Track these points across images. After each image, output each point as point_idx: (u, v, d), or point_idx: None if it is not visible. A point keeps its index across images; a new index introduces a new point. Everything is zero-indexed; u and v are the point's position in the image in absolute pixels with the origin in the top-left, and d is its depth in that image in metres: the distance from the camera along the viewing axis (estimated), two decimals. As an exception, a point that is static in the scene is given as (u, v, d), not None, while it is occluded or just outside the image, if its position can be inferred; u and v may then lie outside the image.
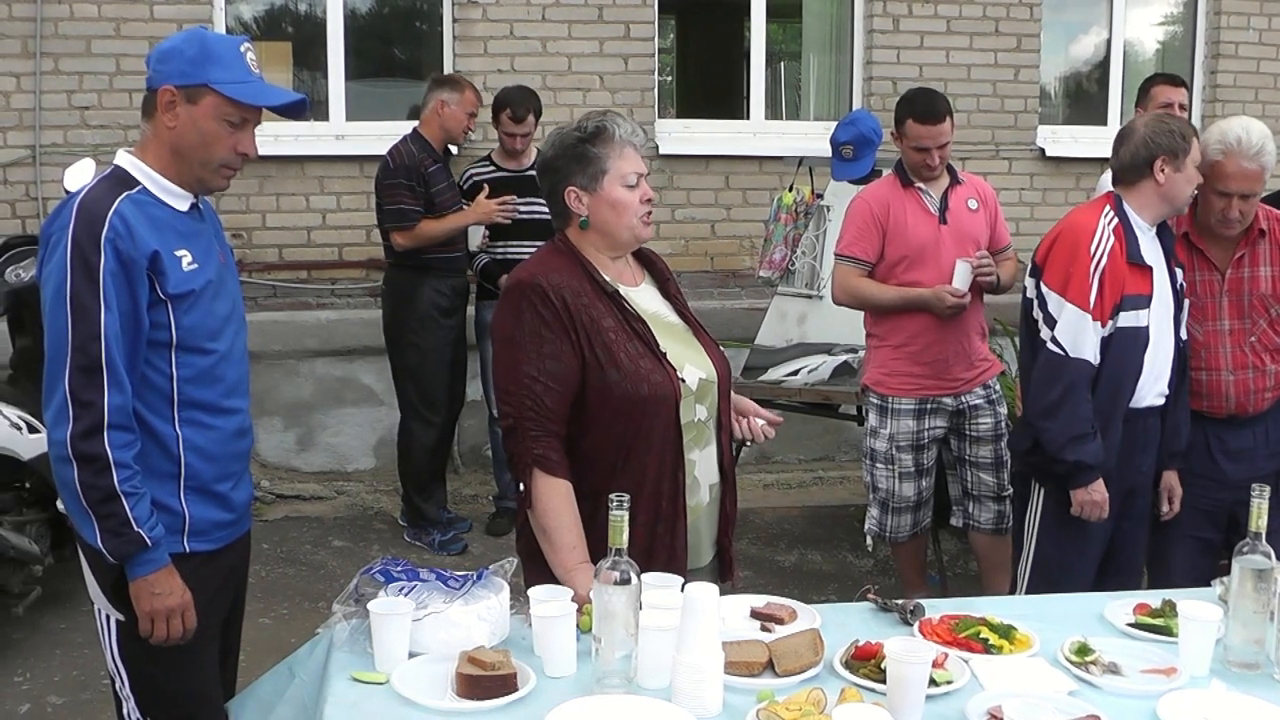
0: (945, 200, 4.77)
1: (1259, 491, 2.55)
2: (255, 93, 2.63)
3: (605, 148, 2.79)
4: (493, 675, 2.29)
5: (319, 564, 5.79)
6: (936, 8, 7.48)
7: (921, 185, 4.77)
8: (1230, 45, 7.92)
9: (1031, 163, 7.70)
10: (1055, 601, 3.00)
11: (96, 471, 2.50)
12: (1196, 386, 3.86)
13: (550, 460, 2.70)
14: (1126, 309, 3.65)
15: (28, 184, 6.61)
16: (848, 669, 2.43)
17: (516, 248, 5.85)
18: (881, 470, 4.88)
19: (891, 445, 4.82)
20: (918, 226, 4.73)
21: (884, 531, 4.95)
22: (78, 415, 2.49)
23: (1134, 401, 3.71)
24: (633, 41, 7.18)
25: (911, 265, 4.71)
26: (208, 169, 2.65)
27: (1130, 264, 3.66)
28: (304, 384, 6.89)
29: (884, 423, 4.83)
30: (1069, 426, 3.66)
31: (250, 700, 2.66)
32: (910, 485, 4.85)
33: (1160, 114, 3.91)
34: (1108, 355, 3.67)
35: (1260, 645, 2.53)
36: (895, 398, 4.78)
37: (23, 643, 4.77)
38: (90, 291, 2.48)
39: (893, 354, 4.79)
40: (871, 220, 4.76)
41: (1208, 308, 3.84)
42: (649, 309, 2.88)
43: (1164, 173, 3.65)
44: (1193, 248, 3.85)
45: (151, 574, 2.58)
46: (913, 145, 4.70)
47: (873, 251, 4.76)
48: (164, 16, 6.57)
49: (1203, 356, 3.85)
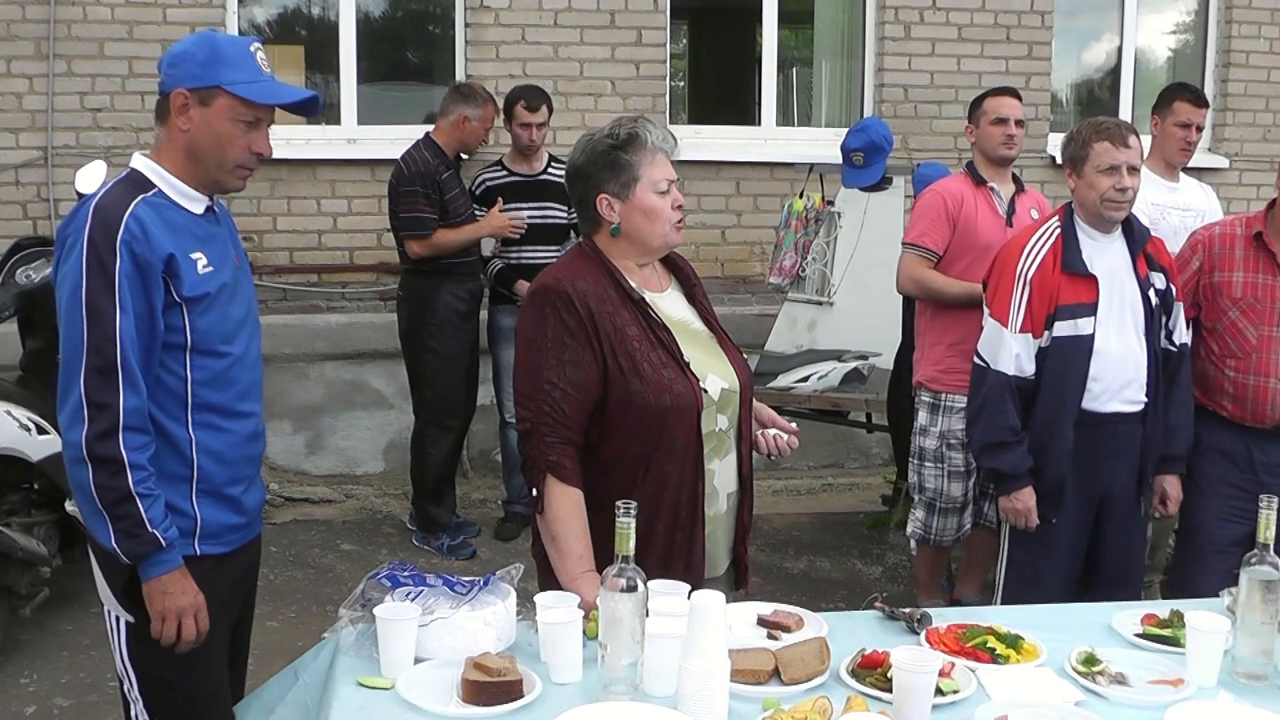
0: (1013, 204, 4.83)
1: (1268, 502, 2.54)
2: (267, 92, 2.64)
3: (638, 154, 2.79)
4: (498, 681, 2.29)
5: (327, 567, 5.80)
6: (948, 15, 7.48)
7: (994, 185, 4.83)
8: (1241, 54, 7.92)
9: (1042, 170, 7.68)
10: (1062, 611, 2.99)
11: (112, 473, 2.51)
12: (1241, 392, 3.86)
13: (564, 468, 2.70)
14: (1063, 318, 3.73)
15: (39, 185, 6.64)
16: (854, 677, 2.43)
17: (531, 252, 5.86)
18: (930, 469, 4.88)
19: (942, 443, 4.83)
20: (987, 225, 4.77)
21: (929, 534, 4.95)
22: (93, 417, 2.49)
23: (1092, 408, 3.74)
24: (644, 47, 7.19)
25: (975, 263, 4.68)
26: (223, 170, 2.66)
27: (1067, 273, 3.73)
28: (314, 387, 6.90)
29: (935, 420, 4.84)
30: (986, 435, 3.84)
31: (255, 704, 2.67)
32: (959, 485, 4.86)
33: (1091, 120, 3.88)
34: (1046, 364, 3.76)
35: (1268, 656, 2.52)
36: (948, 394, 4.78)
37: (30, 644, 4.77)
38: (106, 294, 2.49)
39: (947, 351, 4.79)
40: (945, 213, 4.79)
41: (1265, 312, 3.84)
42: (674, 316, 2.87)
43: (1072, 180, 3.80)
44: (1263, 249, 3.85)
45: (165, 575, 2.59)
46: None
47: (941, 243, 4.79)
48: (176, 19, 6.60)
49: (1252, 360, 3.85)
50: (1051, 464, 3.77)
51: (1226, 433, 3.93)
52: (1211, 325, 3.93)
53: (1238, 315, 3.86)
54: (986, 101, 4.91)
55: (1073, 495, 3.80)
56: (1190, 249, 4.01)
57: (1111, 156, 3.67)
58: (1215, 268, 3.91)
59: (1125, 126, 3.77)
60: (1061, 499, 3.80)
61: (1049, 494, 3.81)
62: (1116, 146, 3.68)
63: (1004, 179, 4.88)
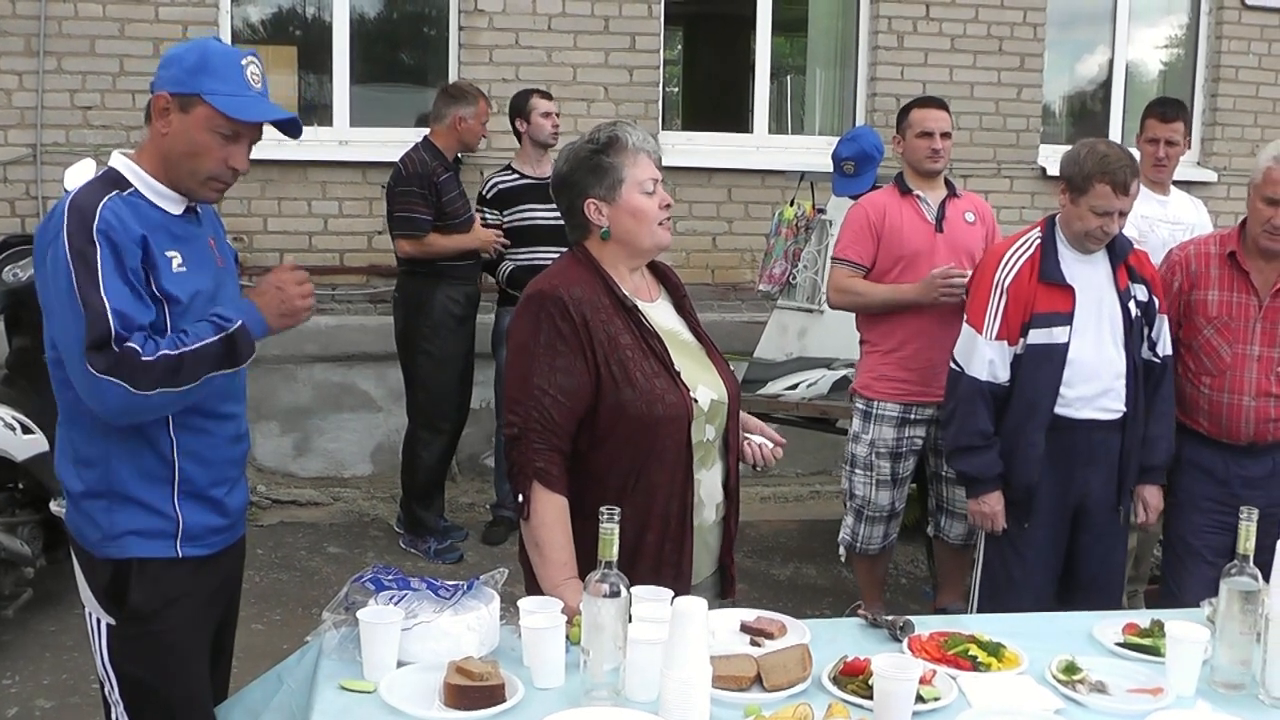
0: (942, 209, 4.83)
1: (1247, 514, 2.56)
2: (245, 107, 2.60)
3: (620, 157, 2.80)
4: (481, 686, 2.29)
5: (313, 570, 5.79)
6: (941, 25, 7.51)
7: (920, 193, 4.83)
8: (1230, 69, 7.96)
9: (1032, 181, 7.72)
10: (1044, 620, 3.00)
11: (165, 376, 2.48)
12: (1215, 409, 3.89)
13: (551, 475, 2.69)
14: (1037, 326, 3.78)
15: (28, 183, 6.63)
16: (836, 684, 2.43)
17: (543, 253, 5.81)
18: (860, 476, 4.91)
19: (871, 451, 4.86)
20: (913, 232, 4.78)
21: (855, 541, 4.97)
22: (115, 370, 2.44)
23: (1066, 414, 3.78)
24: (638, 53, 7.21)
25: (905, 270, 4.75)
26: (195, 179, 2.63)
27: (1044, 282, 3.76)
28: (302, 389, 6.89)
29: (866, 428, 4.87)
30: (956, 438, 3.92)
31: (238, 707, 2.66)
32: (885, 494, 4.88)
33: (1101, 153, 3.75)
34: (1020, 371, 3.82)
35: (1246, 666, 2.53)
36: (880, 402, 4.81)
37: (12, 645, 4.75)
38: (91, 283, 2.46)
39: (882, 359, 4.83)
40: (867, 225, 4.82)
41: (1239, 331, 3.86)
42: (665, 325, 2.88)
43: (1064, 197, 3.81)
44: (1236, 268, 3.87)
45: (261, 329, 2.65)
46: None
47: (867, 255, 4.82)
48: (169, 18, 6.60)
49: (1226, 378, 3.87)
50: (1021, 469, 3.82)
51: (1204, 448, 3.95)
52: (1188, 343, 3.96)
53: (1212, 333, 3.88)
54: (913, 113, 4.89)
55: (1046, 501, 3.84)
56: (1169, 270, 4.01)
57: (1108, 202, 3.69)
58: (1194, 286, 3.93)
59: (1130, 170, 3.72)
60: (1032, 505, 3.84)
61: (1020, 499, 3.86)
62: (1116, 195, 3.68)
63: (933, 186, 4.88)
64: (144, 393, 2.47)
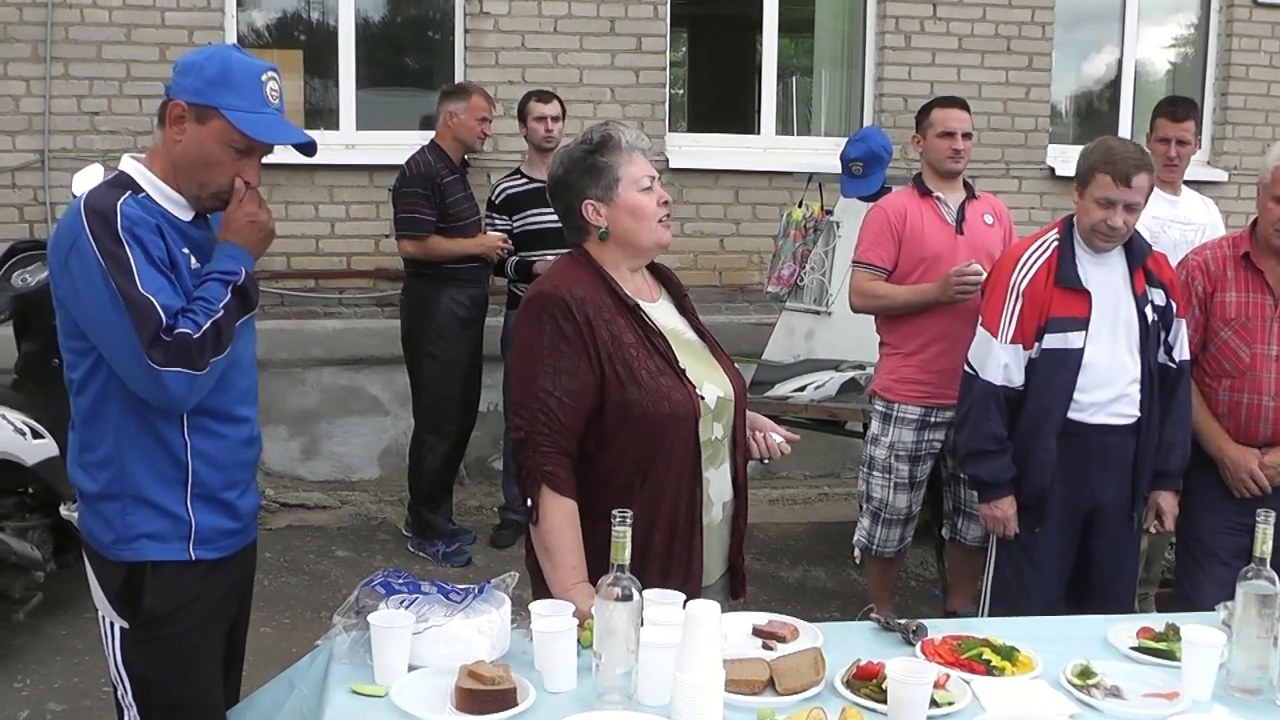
0: (962, 211, 4.82)
1: (1264, 517, 2.54)
2: (263, 126, 2.59)
3: (614, 156, 2.80)
4: (492, 690, 2.28)
5: (322, 574, 5.79)
6: (949, 25, 7.49)
7: (940, 195, 4.82)
8: (1241, 68, 7.93)
9: (1041, 181, 7.70)
10: (1058, 624, 2.99)
11: (213, 346, 2.51)
12: (1234, 410, 3.86)
13: (559, 478, 2.69)
14: (1053, 330, 3.75)
15: (36, 189, 6.63)
16: (849, 688, 2.42)
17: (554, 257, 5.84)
18: (878, 479, 4.89)
19: (891, 454, 4.84)
20: (934, 234, 4.77)
21: (872, 544, 4.95)
22: (175, 359, 2.46)
23: (1079, 419, 3.76)
24: (644, 55, 7.20)
25: (927, 272, 4.73)
26: (205, 191, 2.62)
27: (1060, 286, 3.74)
28: (310, 393, 6.89)
29: (886, 430, 4.85)
30: (969, 442, 3.90)
31: (249, 712, 2.66)
32: (903, 497, 4.86)
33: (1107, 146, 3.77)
34: (1034, 375, 3.79)
35: (1263, 670, 2.52)
36: (901, 404, 4.79)
37: (23, 649, 4.76)
38: (129, 281, 2.45)
39: (903, 361, 4.81)
40: (887, 227, 4.80)
41: (1256, 331, 3.84)
42: (667, 325, 2.87)
43: (1076, 193, 3.80)
44: (1251, 268, 3.85)
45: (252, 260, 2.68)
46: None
47: (888, 258, 4.80)
48: (175, 23, 6.59)
49: (1246, 379, 3.85)
50: (1033, 474, 3.80)
51: None
52: (1205, 344, 3.93)
53: (1230, 335, 3.86)
54: (934, 113, 4.87)
55: (1059, 506, 3.82)
56: (1189, 274, 3.96)
57: (1107, 191, 3.67)
58: (1216, 288, 3.90)
59: (1135, 163, 3.67)
60: (1045, 509, 3.82)
61: (1032, 504, 3.83)
62: (1117, 185, 3.65)
63: (952, 188, 4.87)
64: (203, 371, 2.50)
